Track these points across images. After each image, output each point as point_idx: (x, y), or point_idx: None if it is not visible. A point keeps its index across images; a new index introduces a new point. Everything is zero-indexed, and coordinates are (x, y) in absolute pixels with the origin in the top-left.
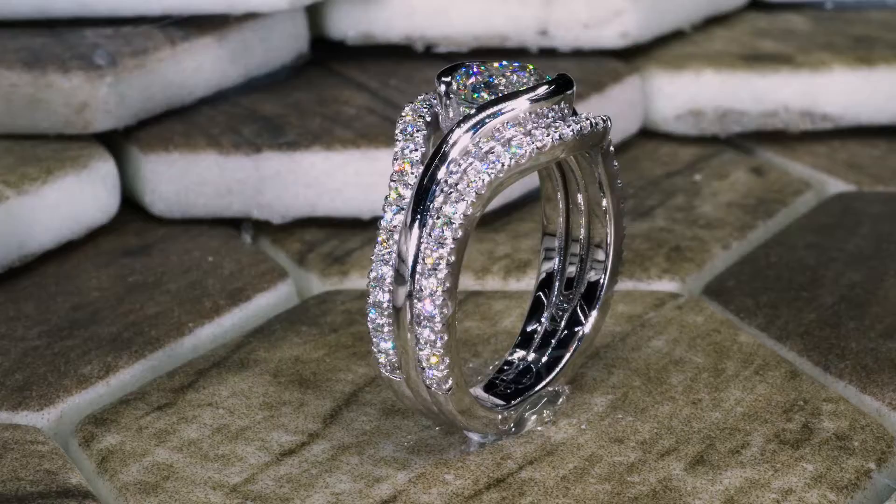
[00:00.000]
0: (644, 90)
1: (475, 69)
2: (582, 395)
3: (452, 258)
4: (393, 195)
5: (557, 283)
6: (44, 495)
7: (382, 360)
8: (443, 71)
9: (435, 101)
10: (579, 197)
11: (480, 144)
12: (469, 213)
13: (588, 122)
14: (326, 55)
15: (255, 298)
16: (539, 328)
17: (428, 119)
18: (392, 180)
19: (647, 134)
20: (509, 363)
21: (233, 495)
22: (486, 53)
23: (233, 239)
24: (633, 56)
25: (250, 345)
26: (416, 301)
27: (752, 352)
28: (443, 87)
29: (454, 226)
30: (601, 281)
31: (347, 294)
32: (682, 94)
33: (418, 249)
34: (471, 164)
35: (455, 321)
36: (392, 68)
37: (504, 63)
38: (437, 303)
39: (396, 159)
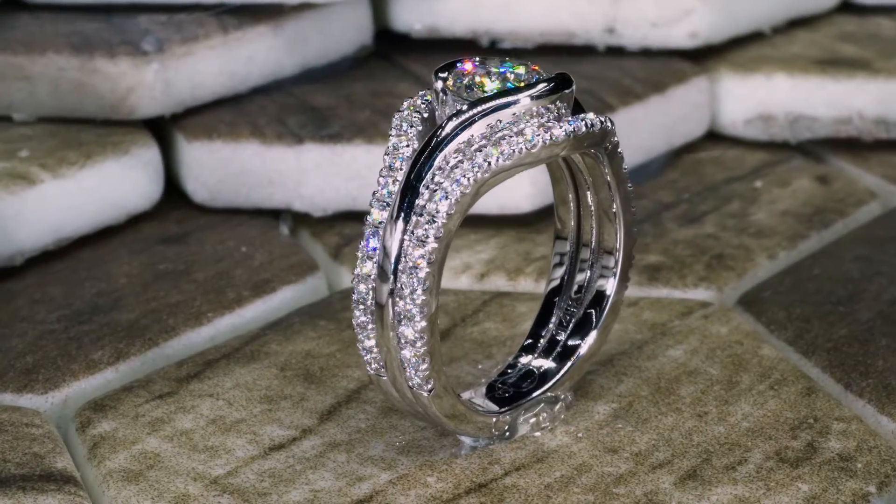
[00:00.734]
0: (713, 92)
1: (473, 65)
2: (586, 402)
3: (434, 257)
4: (381, 191)
5: (566, 289)
6: (26, 478)
7: (368, 358)
8: (440, 67)
9: (433, 98)
10: (590, 200)
11: (471, 141)
12: (452, 212)
13: (583, 122)
14: (391, 48)
15: (281, 291)
16: (546, 334)
17: (425, 115)
18: (381, 175)
19: (716, 138)
20: (512, 366)
21: (211, 487)
22: (551, 50)
23: (271, 230)
24: (705, 57)
25: (265, 337)
26: (397, 299)
27: (772, 366)
28: (439, 84)
29: (437, 224)
30: (610, 287)
31: None
32: (752, 98)
33: (401, 247)
34: (459, 161)
35: (437, 321)
36: None
37: (504, 60)
38: (418, 302)
39: (387, 154)
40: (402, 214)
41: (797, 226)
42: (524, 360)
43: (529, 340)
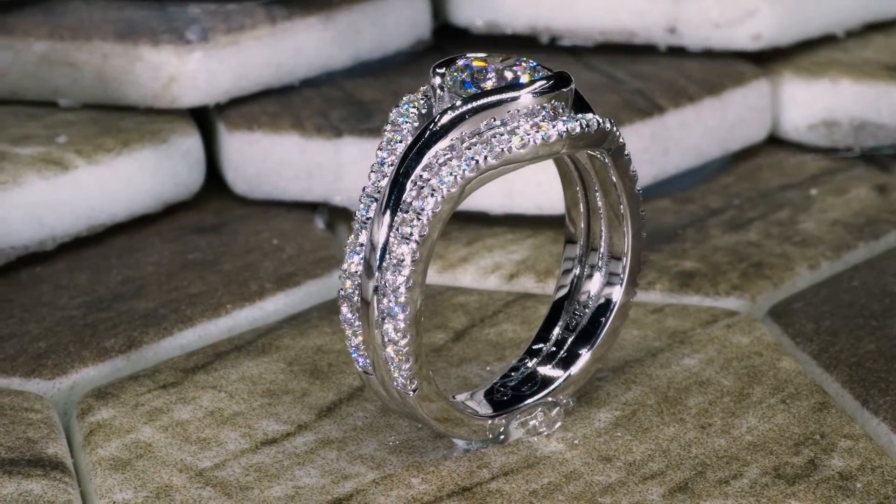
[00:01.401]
0: (775, 96)
1: (471, 62)
2: (588, 409)
3: (418, 255)
4: (371, 186)
5: (574, 294)
6: (14, 462)
7: (356, 356)
8: (438, 63)
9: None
10: (599, 202)
11: (463, 138)
12: (438, 210)
13: (579, 122)
14: (449, 42)
15: (305, 285)
16: (551, 339)
17: (423, 111)
18: (373, 171)
19: (778, 143)
20: (516, 369)
21: (196, 479)
22: (611, 49)
23: (306, 223)
24: (771, 59)
25: (280, 330)
26: (381, 296)
27: (788, 379)
28: (437, 80)
29: (422, 222)
30: (616, 294)
31: None
32: (816, 103)
33: (387, 244)
34: (448, 159)
35: (421, 319)
36: None
37: (504, 57)
38: (401, 299)
39: (380, 149)
40: (389, 210)
41: (846, 236)
42: (528, 363)
43: (536, 345)
